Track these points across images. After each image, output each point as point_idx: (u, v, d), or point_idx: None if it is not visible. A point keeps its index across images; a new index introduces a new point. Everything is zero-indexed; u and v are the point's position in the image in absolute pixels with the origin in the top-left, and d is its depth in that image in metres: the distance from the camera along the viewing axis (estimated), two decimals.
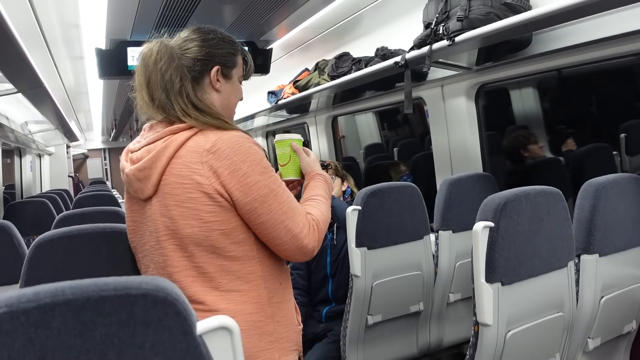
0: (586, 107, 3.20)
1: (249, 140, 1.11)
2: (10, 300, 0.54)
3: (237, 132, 1.12)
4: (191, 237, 1.08)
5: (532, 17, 1.58)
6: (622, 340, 1.71)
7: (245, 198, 1.07)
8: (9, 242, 1.81)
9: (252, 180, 1.08)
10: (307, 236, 1.13)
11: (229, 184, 1.06)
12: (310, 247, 1.15)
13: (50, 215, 3.75)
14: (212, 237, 1.08)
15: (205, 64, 1.17)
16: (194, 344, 0.65)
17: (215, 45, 1.19)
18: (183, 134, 1.10)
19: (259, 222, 1.10)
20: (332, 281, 2.34)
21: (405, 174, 3.33)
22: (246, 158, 1.08)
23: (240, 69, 1.24)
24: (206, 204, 1.06)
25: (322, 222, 1.19)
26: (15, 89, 2.59)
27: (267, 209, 1.09)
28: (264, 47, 3.16)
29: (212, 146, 1.07)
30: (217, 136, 1.09)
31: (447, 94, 2.63)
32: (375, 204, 2.01)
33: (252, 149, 1.10)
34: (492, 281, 1.35)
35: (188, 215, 1.07)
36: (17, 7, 2.06)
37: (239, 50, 1.24)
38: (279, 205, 1.10)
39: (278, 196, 1.10)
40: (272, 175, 1.12)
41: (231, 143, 1.08)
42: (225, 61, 1.20)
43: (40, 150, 6.88)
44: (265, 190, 1.09)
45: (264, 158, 1.12)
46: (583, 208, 1.57)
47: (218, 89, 1.20)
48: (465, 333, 2.28)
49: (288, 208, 1.11)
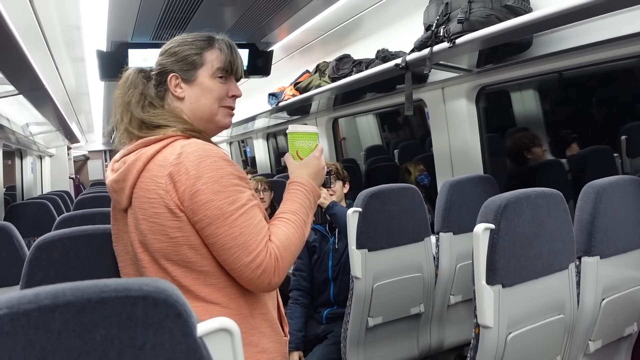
0: (587, 109, 3.20)
1: (215, 155, 1.04)
2: (10, 302, 0.54)
3: (205, 145, 1.06)
4: (161, 252, 1.05)
5: (532, 20, 1.58)
6: (623, 342, 1.71)
7: (194, 216, 1.02)
8: (10, 244, 1.81)
9: (202, 199, 1.01)
10: (261, 267, 1.03)
11: (183, 199, 1.01)
12: (264, 280, 1.04)
13: (50, 216, 3.76)
14: (180, 251, 1.04)
15: (161, 76, 1.17)
16: (194, 345, 0.65)
17: (170, 53, 1.17)
18: (153, 146, 1.07)
19: (208, 243, 1.04)
20: (333, 284, 2.34)
21: (423, 173, 3.35)
22: (203, 174, 1.01)
23: (211, 65, 1.17)
24: (170, 219, 1.03)
25: (284, 248, 1.07)
26: (16, 91, 2.60)
27: (214, 232, 1.01)
28: (264, 49, 3.16)
29: (175, 159, 1.03)
30: (183, 149, 1.04)
31: (447, 96, 2.63)
32: (375, 205, 2.01)
33: (215, 165, 1.02)
34: (492, 283, 1.35)
35: (155, 230, 1.04)
36: (18, 9, 2.06)
37: (206, 47, 1.17)
38: (228, 229, 1.01)
39: (230, 219, 1.01)
40: (229, 195, 1.02)
41: (192, 156, 1.02)
42: (181, 66, 1.16)
43: (41, 152, 6.89)
44: (216, 211, 1.01)
45: (228, 176, 1.03)
46: (584, 210, 1.57)
47: (179, 96, 1.16)
48: (466, 335, 2.28)
49: (240, 234, 1.02)
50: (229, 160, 1.06)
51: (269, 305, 1.16)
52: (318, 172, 1.22)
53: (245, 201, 1.04)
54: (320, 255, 2.38)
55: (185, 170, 1.01)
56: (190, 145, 1.05)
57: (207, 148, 1.05)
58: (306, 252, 2.44)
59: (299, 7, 2.45)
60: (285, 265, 1.07)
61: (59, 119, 4.25)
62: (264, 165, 6.10)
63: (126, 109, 1.16)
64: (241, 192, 1.04)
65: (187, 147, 1.04)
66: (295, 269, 2.47)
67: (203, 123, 1.18)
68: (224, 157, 1.05)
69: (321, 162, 1.23)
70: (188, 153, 1.03)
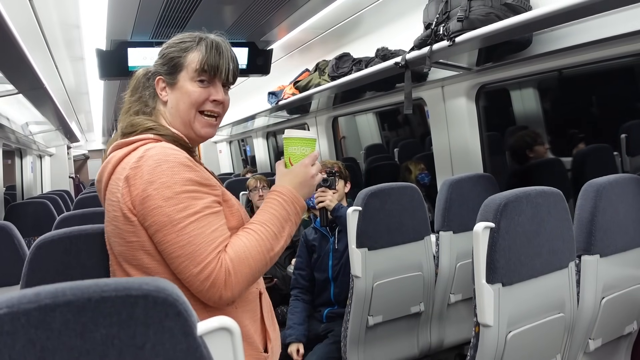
0: (587, 107, 3.20)
1: (174, 160, 1.00)
2: (11, 301, 0.54)
3: (167, 149, 1.02)
4: (122, 255, 1.05)
5: (532, 18, 1.58)
6: (623, 341, 1.71)
7: (144, 222, 0.99)
8: (10, 243, 1.82)
9: (152, 205, 0.97)
10: (210, 279, 0.97)
11: (135, 204, 0.99)
12: (214, 293, 0.97)
13: (51, 216, 3.76)
14: (137, 256, 1.02)
15: (152, 79, 1.17)
16: (194, 344, 0.65)
17: (159, 54, 1.16)
18: (123, 149, 1.07)
19: (159, 250, 1.00)
20: (334, 284, 2.34)
21: (424, 172, 3.36)
22: (157, 179, 0.98)
23: (191, 68, 1.12)
24: (124, 223, 1.01)
25: (240, 262, 0.99)
26: (16, 90, 2.60)
27: (162, 239, 0.98)
28: (264, 48, 3.16)
29: (135, 162, 1.01)
30: (145, 153, 1.01)
31: (447, 94, 2.63)
32: (375, 204, 2.01)
33: (171, 170, 0.98)
34: (492, 282, 1.35)
35: (116, 234, 1.04)
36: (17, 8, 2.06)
37: (190, 48, 1.13)
38: (176, 237, 0.97)
39: (177, 227, 0.97)
40: (180, 202, 0.97)
41: (150, 160, 0.99)
42: (165, 69, 1.14)
43: (40, 151, 6.89)
44: (164, 218, 0.97)
45: (183, 182, 0.99)
46: (584, 209, 1.57)
47: (163, 99, 1.15)
48: (466, 334, 2.28)
49: (187, 243, 0.96)
50: (189, 166, 1.01)
51: (245, 318, 1.09)
52: (304, 181, 1.14)
53: (199, 208, 0.99)
54: (320, 254, 2.38)
55: (141, 175, 0.99)
56: (153, 149, 1.02)
57: (169, 153, 1.01)
58: (306, 250, 2.44)
59: (298, 5, 2.45)
60: (240, 279, 0.99)
61: (58, 118, 4.25)
62: (263, 164, 6.10)
63: (125, 113, 1.17)
64: (196, 198, 0.99)
65: (149, 150, 1.02)
66: (295, 268, 2.47)
67: (184, 129, 1.14)
68: (184, 163, 1.01)
69: (309, 171, 1.15)
70: (148, 157, 1.00)
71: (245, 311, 1.10)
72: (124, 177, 1.01)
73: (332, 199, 2.28)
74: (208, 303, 1.01)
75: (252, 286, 1.11)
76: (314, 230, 2.44)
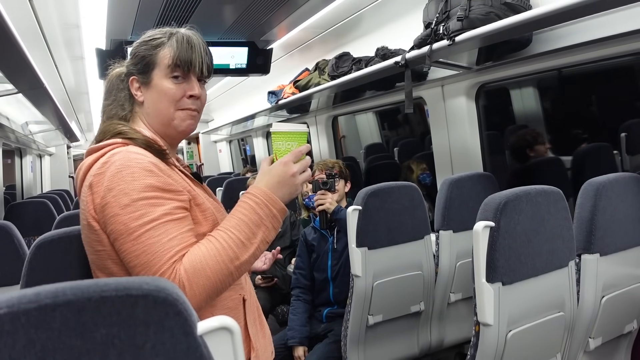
0: (586, 106, 3.20)
1: (137, 165, 0.96)
2: (11, 301, 0.54)
3: (131, 154, 0.98)
4: (94, 264, 1.03)
5: (532, 17, 1.57)
6: (623, 339, 1.71)
7: (105, 229, 0.96)
8: (10, 243, 1.81)
9: (109, 212, 0.94)
10: None
11: (97, 211, 0.97)
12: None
13: (50, 215, 3.76)
14: (107, 265, 1.00)
15: (127, 79, 1.12)
16: (194, 344, 0.65)
17: (133, 54, 1.12)
18: (92, 156, 1.03)
19: (120, 258, 0.97)
20: (333, 284, 2.34)
21: (425, 172, 3.36)
22: (116, 186, 0.94)
23: (164, 64, 1.08)
24: (90, 231, 1.00)
25: (196, 272, 0.92)
26: (15, 90, 2.60)
27: (119, 248, 0.95)
28: (264, 47, 3.16)
29: (98, 169, 0.98)
30: (109, 158, 0.98)
31: (447, 93, 2.63)
32: (375, 203, 2.01)
33: (131, 176, 0.95)
34: (492, 281, 1.35)
35: (86, 242, 1.03)
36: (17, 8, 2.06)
37: (161, 45, 1.09)
38: (131, 246, 0.93)
39: (133, 236, 0.93)
40: (137, 210, 0.93)
41: (113, 167, 0.96)
42: (138, 68, 1.10)
43: (40, 151, 6.89)
44: (120, 226, 0.93)
45: (143, 189, 0.94)
46: (584, 207, 1.57)
47: (139, 100, 1.11)
48: (466, 333, 2.28)
49: (142, 252, 0.92)
50: (151, 171, 0.96)
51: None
52: (282, 181, 1.03)
53: (157, 216, 0.94)
54: (319, 254, 2.38)
55: (102, 182, 0.96)
56: (118, 154, 0.98)
57: (132, 157, 0.97)
58: (305, 250, 2.44)
59: (298, 5, 2.45)
60: (197, 292, 0.92)
61: (58, 118, 4.25)
62: None
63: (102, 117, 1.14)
64: (155, 205, 0.95)
65: (114, 156, 0.98)
66: (296, 267, 2.47)
67: (163, 129, 1.11)
68: (146, 168, 0.96)
69: (288, 169, 1.04)
70: (111, 163, 0.97)
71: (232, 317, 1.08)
72: (88, 184, 0.99)
73: (331, 202, 2.27)
74: None
75: (233, 293, 1.07)
76: (313, 230, 2.44)
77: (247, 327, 1.10)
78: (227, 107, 5.79)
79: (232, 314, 1.06)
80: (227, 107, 5.85)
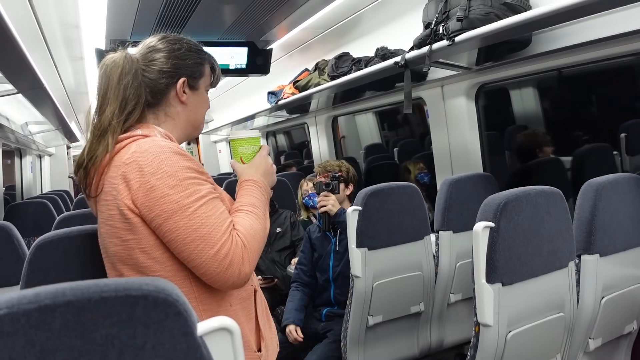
0: (586, 107, 3.20)
1: (169, 150, 1.02)
2: (10, 302, 0.54)
3: (159, 142, 1.04)
4: (117, 256, 1.05)
5: (531, 17, 1.57)
6: (623, 340, 1.71)
7: (150, 214, 0.99)
8: (10, 244, 1.81)
9: (158, 194, 0.98)
10: (228, 258, 1.00)
11: (137, 198, 0.99)
12: (233, 272, 1.01)
13: (50, 216, 3.76)
14: (133, 255, 1.03)
15: (172, 77, 1.14)
16: (194, 344, 0.65)
17: (182, 56, 1.16)
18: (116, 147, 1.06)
19: (167, 241, 1.01)
20: (334, 285, 2.35)
21: (423, 172, 3.36)
22: (158, 170, 0.99)
23: (208, 78, 1.21)
24: (121, 221, 1.02)
25: (251, 237, 1.05)
26: (15, 90, 2.59)
27: (172, 227, 0.99)
28: (263, 48, 3.16)
29: (129, 157, 1.02)
30: (137, 146, 1.03)
31: (447, 94, 2.63)
32: (375, 204, 2.01)
33: (170, 160, 1.00)
34: (492, 281, 1.35)
35: (111, 233, 1.04)
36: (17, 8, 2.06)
37: (205, 59, 1.20)
38: (188, 221, 0.98)
39: (188, 212, 0.99)
40: (187, 188, 1.00)
41: (147, 153, 1.01)
42: (192, 72, 1.17)
43: (40, 151, 6.88)
44: (173, 205, 0.98)
45: (185, 170, 1.01)
46: (583, 208, 1.57)
47: (184, 101, 1.16)
48: (466, 334, 2.28)
49: (201, 225, 0.99)
50: (184, 154, 1.04)
51: (240, 316, 1.11)
52: (266, 171, 1.23)
53: (204, 193, 1.02)
54: (322, 254, 2.38)
55: (139, 168, 1.00)
56: (144, 143, 1.03)
57: (161, 144, 1.03)
58: (309, 246, 2.44)
59: (298, 5, 2.45)
60: (253, 254, 1.05)
61: (58, 118, 4.25)
62: None
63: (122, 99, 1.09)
64: (199, 184, 1.02)
65: (140, 145, 1.03)
66: (298, 262, 2.47)
67: (192, 130, 1.21)
68: (179, 152, 1.03)
69: (269, 161, 1.25)
70: (142, 151, 1.01)
71: (240, 309, 1.12)
72: (120, 174, 1.01)
73: (334, 204, 2.27)
74: (225, 286, 1.04)
75: (247, 283, 1.11)
76: (317, 229, 2.44)
77: (257, 317, 1.17)
78: (227, 107, 5.79)
79: (245, 304, 1.14)
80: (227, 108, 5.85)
